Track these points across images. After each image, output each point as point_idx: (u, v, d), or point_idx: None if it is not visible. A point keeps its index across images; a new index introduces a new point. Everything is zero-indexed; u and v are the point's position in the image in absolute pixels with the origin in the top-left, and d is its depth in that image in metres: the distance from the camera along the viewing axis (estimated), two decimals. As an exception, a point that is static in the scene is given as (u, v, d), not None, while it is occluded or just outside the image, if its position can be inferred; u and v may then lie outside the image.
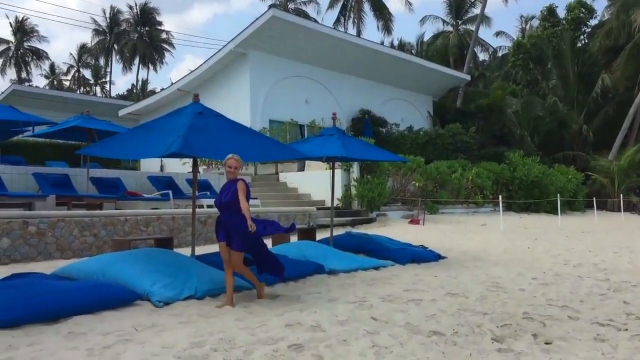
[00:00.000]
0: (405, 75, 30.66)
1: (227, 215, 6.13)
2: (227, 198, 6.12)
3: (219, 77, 24.76)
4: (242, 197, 6.04)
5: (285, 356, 4.20)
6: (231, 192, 6.10)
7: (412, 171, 19.96)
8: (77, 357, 4.04)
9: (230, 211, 6.08)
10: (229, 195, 6.11)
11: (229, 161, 6.24)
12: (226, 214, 6.15)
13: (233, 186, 6.13)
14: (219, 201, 6.22)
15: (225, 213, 6.16)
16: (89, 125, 13.70)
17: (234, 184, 6.15)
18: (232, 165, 6.23)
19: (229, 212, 6.10)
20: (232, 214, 6.07)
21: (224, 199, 6.14)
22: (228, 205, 6.10)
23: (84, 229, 10.27)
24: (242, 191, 6.07)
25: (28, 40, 57.69)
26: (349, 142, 9.95)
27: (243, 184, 6.14)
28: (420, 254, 9.92)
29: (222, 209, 6.20)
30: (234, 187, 6.10)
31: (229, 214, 6.11)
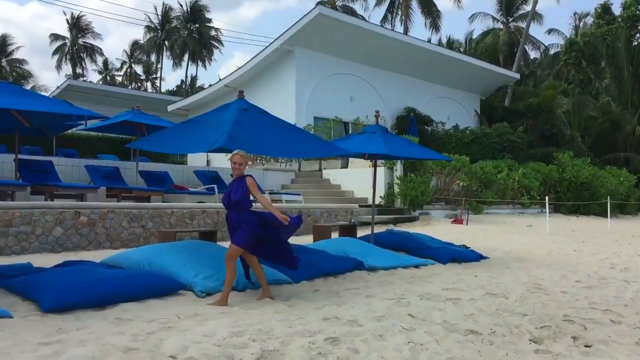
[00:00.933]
0: (453, 73, 30.33)
1: (234, 214, 5.97)
2: (237, 196, 5.92)
3: (265, 74, 25.04)
4: (257, 193, 5.90)
5: (322, 349, 4.28)
6: (241, 190, 5.91)
7: (456, 170, 19.76)
8: (123, 342, 4.21)
9: (238, 209, 5.92)
10: (239, 193, 5.91)
11: (234, 157, 6.05)
12: (233, 213, 5.99)
13: (242, 184, 5.94)
14: (227, 199, 6.01)
15: (232, 211, 5.99)
16: (138, 120, 14.11)
17: (242, 181, 5.97)
18: (237, 161, 6.03)
19: (237, 211, 5.94)
20: (239, 212, 5.91)
21: (233, 197, 5.93)
22: (237, 203, 5.92)
23: (133, 220, 10.60)
24: (254, 188, 5.91)
25: (83, 37, 59.43)
26: (391, 139, 9.96)
27: (252, 181, 5.98)
28: (461, 253, 9.86)
29: (230, 207, 6.01)
30: (243, 185, 5.93)
31: (236, 212, 5.95)
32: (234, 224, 5.95)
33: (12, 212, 9.13)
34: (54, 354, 3.86)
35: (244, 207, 5.90)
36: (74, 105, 6.00)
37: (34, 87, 52.84)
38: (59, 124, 8.24)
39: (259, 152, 10.55)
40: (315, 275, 7.50)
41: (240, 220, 5.89)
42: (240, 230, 5.85)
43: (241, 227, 5.86)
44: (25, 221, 9.23)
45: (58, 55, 58.17)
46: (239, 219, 5.90)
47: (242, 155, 6.04)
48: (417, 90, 29.37)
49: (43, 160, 12.90)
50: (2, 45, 54.65)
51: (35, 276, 5.88)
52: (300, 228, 13.37)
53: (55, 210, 9.64)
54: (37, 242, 9.35)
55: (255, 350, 4.13)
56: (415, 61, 27.95)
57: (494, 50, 43.51)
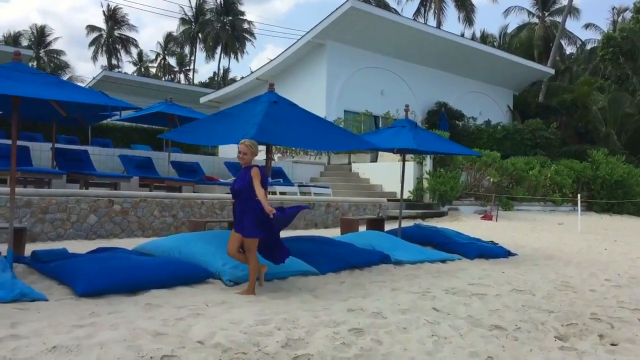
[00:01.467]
0: (485, 68, 29.97)
1: (239, 203, 5.93)
2: (239, 186, 5.90)
3: (296, 67, 25.13)
4: (256, 184, 5.79)
5: (346, 339, 4.35)
6: (245, 180, 5.87)
7: (487, 166, 19.58)
8: (153, 326, 4.34)
9: (242, 199, 5.88)
10: (242, 183, 5.88)
11: (239, 147, 5.99)
12: (239, 202, 5.94)
13: (247, 173, 5.89)
14: (233, 188, 6.02)
15: (238, 201, 5.95)
16: (171, 111, 14.34)
17: (248, 171, 5.91)
18: (242, 150, 5.96)
19: (240, 200, 5.90)
20: (243, 202, 5.86)
21: (237, 186, 5.93)
22: (240, 192, 5.89)
23: (164, 209, 10.81)
24: (256, 178, 5.81)
25: (119, 29, 60.29)
26: (420, 134, 9.95)
27: (257, 171, 5.87)
28: (489, 249, 9.81)
29: (235, 197, 6.00)
30: (248, 175, 5.86)
31: (240, 201, 5.91)
32: (238, 214, 5.92)
33: (49, 199, 9.40)
34: (87, 336, 4.01)
35: (248, 197, 5.83)
36: (109, 96, 6.15)
37: (71, 77, 53.96)
38: (94, 114, 8.43)
39: (289, 144, 10.64)
40: (342, 267, 7.56)
41: (244, 210, 5.84)
42: (246, 221, 5.81)
43: (245, 217, 5.83)
44: (60, 208, 9.50)
45: (94, 47, 59.17)
46: (243, 208, 5.86)
47: (248, 145, 5.96)
48: (449, 85, 29.12)
49: (79, 150, 13.22)
50: (40, 37, 55.89)
51: (70, 261, 6.07)
52: (328, 220, 13.57)
53: (90, 199, 9.89)
54: (72, 229, 9.61)
55: (281, 338, 4.22)
56: (448, 55, 27.71)
57: (528, 45, 42.78)
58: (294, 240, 8.59)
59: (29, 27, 66.75)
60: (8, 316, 4.57)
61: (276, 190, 14.51)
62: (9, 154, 10.83)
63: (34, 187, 10.72)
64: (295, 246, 7.86)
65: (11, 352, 3.59)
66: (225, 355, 3.83)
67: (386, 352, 4.16)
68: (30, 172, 11.02)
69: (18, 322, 4.38)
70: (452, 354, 4.26)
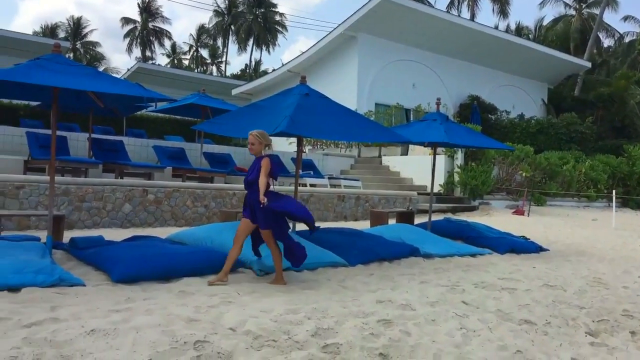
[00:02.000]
0: (519, 61, 29.51)
1: (251, 193, 5.94)
2: (251, 177, 5.90)
3: (328, 60, 25.13)
4: (262, 173, 5.78)
5: (374, 329, 4.40)
6: (255, 170, 5.88)
7: (519, 160, 19.34)
8: (186, 313, 4.46)
9: (254, 189, 5.86)
10: (254, 174, 5.89)
11: (249, 137, 6.00)
12: (250, 193, 5.95)
13: (257, 164, 5.90)
14: (245, 179, 6.06)
15: (250, 191, 5.96)
16: (204, 103, 14.52)
17: (259, 161, 5.91)
18: (250, 141, 5.97)
19: (252, 190, 5.89)
20: (255, 192, 5.83)
21: (249, 177, 5.95)
22: (251, 183, 5.89)
23: (196, 200, 10.99)
24: (264, 168, 5.80)
25: (153, 21, 61.06)
26: (451, 127, 9.90)
27: (267, 162, 5.86)
28: (520, 244, 9.73)
29: (247, 187, 6.02)
30: (259, 165, 5.87)
31: (252, 192, 5.91)
32: (250, 204, 5.93)
33: (86, 188, 9.65)
34: (123, 320, 4.14)
35: (259, 189, 5.78)
36: (146, 88, 6.28)
37: (106, 69, 54.88)
38: (130, 106, 8.58)
39: (320, 136, 10.67)
40: (371, 259, 7.60)
41: (256, 203, 5.80)
42: (259, 213, 5.81)
43: (257, 209, 5.82)
44: (97, 197, 9.74)
45: (129, 39, 60.05)
46: (254, 200, 5.83)
47: (255, 135, 5.96)
48: (482, 78, 28.77)
49: (114, 140, 13.50)
50: (77, 28, 56.92)
51: (107, 248, 6.25)
52: (357, 213, 13.60)
53: (125, 188, 10.11)
54: (107, 217, 9.85)
55: (310, 327, 4.28)
56: (481, 48, 27.37)
57: (565, 38, 41.94)
58: (323, 232, 8.66)
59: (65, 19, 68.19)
60: (48, 300, 4.74)
61: (306, 182, 14.59)
62: (47, 144, 11.19)
63: (72, 176, 10.99)
64: (325, 238, 7.94)
65: (51, 334, 3.73)
66: (256, 342, 3.92)
67: (414, 343, 4.20)
68: (68, 162, 11.30)
69: (57, 305, 4.54)
70: (480, 347, 4.27)
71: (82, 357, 3.39)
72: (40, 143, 11.46)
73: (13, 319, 4.06)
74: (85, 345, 3.60)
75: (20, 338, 3.61)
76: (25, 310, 4.33)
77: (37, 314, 4.21)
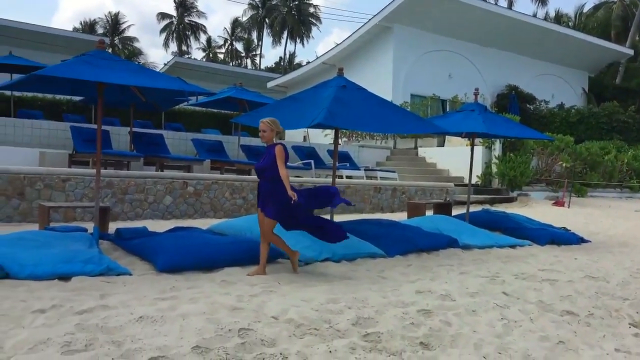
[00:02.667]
0: (558, 49, 28.87)
1: (262, 182, 5.86)
2: (263, 164, 5.80)
3: (363, 51, 25.04)
4: (280, 163, 5.69)
5: (415, 319, 4.43)
6: (268, 158, 5.77)
7: (559, 151, 18.98)
8: (229, 302, 4.57)
9: (265, 178, 5.79)
10: (266, 161, 5.79)
11: (260, 125, 5.89)
12: (263, 181, 5.86)
13: (271, 151, 5.79)
14: (257, 167, 5.96)
15: (262, 179, 5.87)
16: (241, 96, 14.68)
17: (271, 149, 5.80)
18: (261, 128, 5.87)
19: (264, 179, 5.82)
20: (266, 181, 5.78)
21: (261, 164, 5.84)
22: (263, 170, 5.80)
23: (235, 192, 11.15)
24: (280, 157, 5.71)
25: (189, 15, 61.79)
26: (490, 118, 9.80)
27: (281, 149, 5.76)
28: (561, 235, 9.60)
29: (259, 175, 5.92)
30: (272, 153, 5.76)
31: (263, 180, 5.84)
32: (263, 193, 5.84)
33: (128, 180, 9.89)
34: (170, 308, 4.27)
35: (272, 177, 5.73)
36: (187, 82, 6.42)
37: (144, 64, 55.73)
38: (169, 100, 8.77)
39: (357, 128, 10.69)
40: (409, 250, 7.62)
41: (269, 191, 5.77)
42: (271, 202, 5.75)
43: (271, 198, 5.76)
44: (139, 189, 9.98)
45: (165, 33, 60.89)
46: (268, 189, 5.78)
47: (267, 123, 5.86)
48: (520, 67, 28.26)
49: (154, 134, 13.77)
50: (115, 24, 57.95)
51: (151, 239, 6.42)
52: (394, 204, 13.59)
53: (166, 180, 10.33)
54: (149, 209, 10.08)
55: (351, 316, 4.34)
56: (519, 37, 26.87)
57: (606, 25, 40.83)
58: (360, 223, 8.72)
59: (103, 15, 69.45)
60: (97, 288, 4.92)
61: (343, 173, 14.64)
62: (90, 138, 11.50)
63: (114, 169, 11.27)
64: (363, 229, 7.99)
65: (102, 321, 3.88)
66: (298, 331, 4.00)
67: (455, 333, 4.22)
68: (111, 155, 11.59)
69: (106, 293, 4.71)
70: (521, 337, 4.27)
71: (132, 343, 3.52)
72: (84, 137, 11.77)
73: (65, 306, 4.23)
74: (134, 331, 3.73)
75: (73, 324, 3.77)
76: (77, 298, 4.50)
77: (87, 302, 4.38)
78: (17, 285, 4.86)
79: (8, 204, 8.74)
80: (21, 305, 4.22)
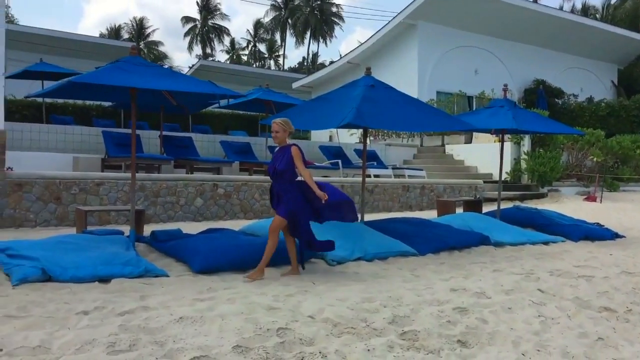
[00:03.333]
0: (586, 42, 28.41)
1: (280, 184, 5.75)
2: (282, 166, 5.67)
3: (387, 49, 24.97)
4: (300, 164, 5.61)
5: (451, 317, 4.43)
6: (285, 160, 5.65)
7: (589, 145, 18.70)
8: (265, 302, 4.62)
9: (284, 180, 5.71)
10: (283, 163, 5.66)
11: (272, 126, 5.80)
12: (279, 183, 5.76)
13: (287, 153, 5.67)
14: (272, 169, 5.79)
15: (278, 181, 5.77)
16: (268, 98, 14.78)
17: (287, 150, 5.69)
18: (274, 129, 5.76)
19: (282, 181, 5.72)
20: (284, 183, 5.71)
21: (278, 166, 5.70)
22: (282, 173, 5.69)
23: (264, 192, 11.23)
24: (298, 158, 5.61)
25: (212, 18, 62.32)
26: (519, 113, 9.71)
27: (297, 150, 5.66)
28: (594, 231, 9.47)
29: (275, 177, 5.79)
30: (288, 154, 5.65)
31: (281, 182, 5.73)
32: (277, 194, 5.78)
33: (160, 183, 10.05)
34: (208, 308, 4.35)
35: (290, 178, 5.68)
36: (217, 85, 6.51)
37: (170, 67, 56.37)
38: (198, 102, 8.87)
39: (387, 127, 10.67)
40: (441, 248, 7.60)
41: (284, 191, 5.70)
42: (284, 200, 5.68)
43: (284, 198, 5.69)
44: (170, 192, 10.12)
45: (189, 37, 61.47)
46: (282, 189, 5.71)
47: (279, 123, 5.75)
48: (547, 61, 27.87)
49: (184, 136, 13.95)
50: (140, 29, 58.72)
51: (185, 241, 6.52)
52: (423, 203, 13.54)
53: (196, 183, 10.46)
54: (180, 211, 10.23)
55: (387, 315, 4.37)
56: (545, 30, 26.51)
57: (634, 16, 39.99)
58: (391, 222, 8.73)
59: (129, 20, 70.39)
60: (136, 290, 5.03)
61: (370, 173, 14.63)
62: (122, 142, 11.69)
63: (145, 173, 11.44)
64: (393, 227, 8.01)
65: (144, 322, 3.97)
66: (336, 330, 4.03)
67: (492, 330, 4.21)
68: (142, 159, 11.77)
69: (146, 295, 4.81)
70: (560, 334, 4.25)
71: (174, 343, 3.59)
72: (116, 141, 11.98)
73: (107, 308, 4.33)
74: (176, 331, 3.81)
75: (116, 325, 3.86)
76: (117, 300, 4.61)
77: (128, 303, 4.47)
78: (60, 287, 4.99)
79: (45, 208, 8.96)
80: (65, 307, 4.34)
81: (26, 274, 5.06)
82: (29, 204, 8.84)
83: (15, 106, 16.94)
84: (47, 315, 4.09)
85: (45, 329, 3.78)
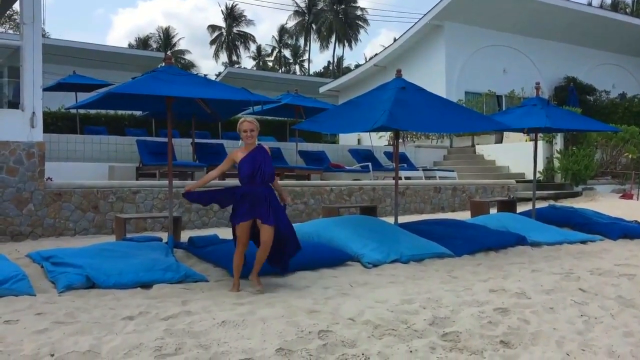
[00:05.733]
0: (617, 38, 27.88)
1: (266, 188, 5.35)
2: (270, 168, 5.33)
3: (413, 51, 24.89)
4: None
5: (492, 318, 4.41)
6: (269, 162, 5.35)
7: (624, 142, 18.33)
8: (306, 305, 4.66)
9: (268, 183, 5.41)
10: (268, 164, 5.33)
11: (243, 124, 5.33)
12: (266, 187, 5.36)
13: (265, 154, 5.37)
14: (259, 173, 5.26)
15: (266, 185, 5.36)
16: (297, 103, 14.85)
17: (263, 151, 5.39)
18: (248, 128, 5.30)
19: (267, 185, 5.39)
20: (268, 187, 5.39)
21: (267, 169, 5.29)
22: (272, 177, 5.40)
23: (295, 197, 11.29)
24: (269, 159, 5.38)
25: (237, 25, 62.87)
26: (553, 112, 9.59)
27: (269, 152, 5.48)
28: (633, 229, 9.30)
29: (262, 181, 5.32)
30: (267, 155, 5.38)
31: (267, 186, 5.38)
32: (263, 200, 5.27)
33: (194, 190, 10.16)
34: (249, 312, 4.40)
35: (271, 181, 5.42)
36: (251, 92, 6.59)
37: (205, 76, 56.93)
38: (230, 109, 8.98)
39: (420, 129, 10.64)
40: (477, 249, 7.54)
41: (272, 196, 5.39)
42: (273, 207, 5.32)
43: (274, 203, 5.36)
44: (204, 198, 10.22)
45: (215, 45, 62.09)
46: (269, 193, 5.36)
47: (254, 122, 5.40)
48: (577, 58, 27.44)
49: (215, 143, 14.09)
50: (167, 38, 59.58)
51: (223, 246, 6.60)
52: (455, 204, 13.45)
53: (230, 188, 10.55)
54: (214, 218, 10.34)
55: (427, 316, 4.36)
56: (574, 27, 26.11)
57: (667, 8, 39.21)
58: (425, 224, 8.71)
59: (155, 30, 71.48)
60: (178, 295, 5.12)
61: (401, 175, 14.59)
62: (156, 151, 11.88)
63: (179, 180, 11.59)
64: (428, 229, 7.98)
65: (188, 326, 4.04)
66: (377, 332, 4.05)
67: (534, 331, 4.18)
68: (176, 166, 11.90)
69: (187, 300, 4.89)
70: (604, 333, 4.20)
71: (218, 346, 3.65)
72: (150, 150, 12.16)
73: (151, 313, 4.42)
74: (219, 335, 3.87)
75: (161, 330, 3.94)
76: (160, 305, 4.70)
77: (171, 308, 4.56)
78: (104, 294, 5.11)
79: (84, 217, 9.15)
80: (111, 312, 4.44)
81: (71, 281, 5.19)
82: (68, 213, 9.04)
83: (51, 118, 17.30)
84: (93, 321, 4.19)
85: (93, 334, 3.87)
